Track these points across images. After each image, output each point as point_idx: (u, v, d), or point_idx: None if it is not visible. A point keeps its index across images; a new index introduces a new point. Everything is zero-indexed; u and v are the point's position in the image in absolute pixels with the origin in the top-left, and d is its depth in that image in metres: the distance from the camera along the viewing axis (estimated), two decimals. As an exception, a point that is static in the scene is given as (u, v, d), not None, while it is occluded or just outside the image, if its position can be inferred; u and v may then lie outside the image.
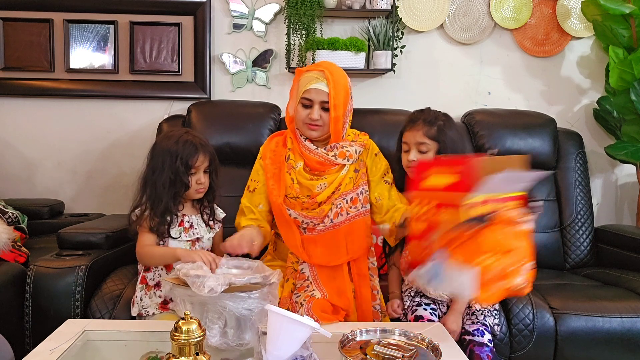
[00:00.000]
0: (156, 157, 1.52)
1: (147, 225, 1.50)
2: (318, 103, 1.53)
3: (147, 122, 2.52)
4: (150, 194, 1.50)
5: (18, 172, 2.52)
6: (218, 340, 1.13)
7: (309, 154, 1.58)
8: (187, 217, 1.56)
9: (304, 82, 1.55)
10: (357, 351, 1.06)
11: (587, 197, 2.27)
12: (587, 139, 2.54)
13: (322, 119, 1.54)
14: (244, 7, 2.50)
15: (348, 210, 1.58)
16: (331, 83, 1.51)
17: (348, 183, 1.59)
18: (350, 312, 1.47)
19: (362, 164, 1.65)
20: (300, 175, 1.59)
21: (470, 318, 1.52)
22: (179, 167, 1.48)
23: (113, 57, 2.49)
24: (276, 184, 1.60)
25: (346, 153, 1.57)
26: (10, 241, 1.79)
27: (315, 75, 1.53)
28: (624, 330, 1.63)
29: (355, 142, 1.62)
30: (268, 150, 1.67)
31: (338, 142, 1.58)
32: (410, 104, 2.46)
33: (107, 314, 1.61)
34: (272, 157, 1.65)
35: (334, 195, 1.57)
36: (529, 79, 2.63)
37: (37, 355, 1.10)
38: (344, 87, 1.55)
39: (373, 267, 1.65)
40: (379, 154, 1.69)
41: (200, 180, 1.53)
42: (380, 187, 1.64)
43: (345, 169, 1.59)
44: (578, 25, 2.56)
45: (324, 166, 1.58)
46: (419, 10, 2.53)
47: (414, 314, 1.52)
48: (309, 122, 1.54)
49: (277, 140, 1.69)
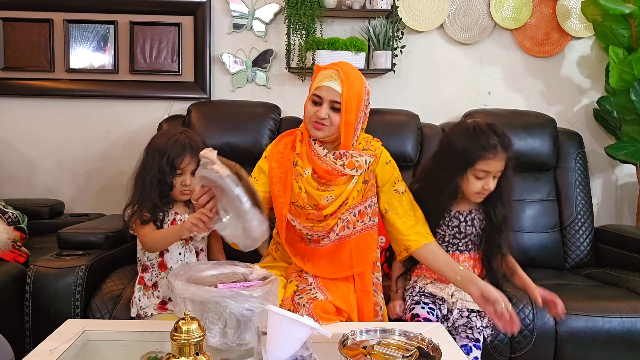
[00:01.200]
0: (148, 154, 1.51)
1: (139, 221, 1.50)
2: (328, 101, 1.43)
3: (147, 122, 2.52)
4: (140, 191, 1.50)
5: (18, 172, 2.52)
6: (218, 341, 1.13)
7: (317, 160, 1.48)
8: (180, 216, 1.54)
9: (318, 79, 1.48)
10: (357, 351, 1.05)
11: (587, 197, 2.27)
12: (587, 139, 2.54)
13: (330, 119, 1.44)
14: (244, 7, 2.50)
15: (355, 224, 1.51)
16: (344, 84, 1.42)
17: (356, 197, 1.51)
18: (352, 316, 1.44)
19: (372, 174, 1.55)
20: (308, 183, 1.49)
21: (466, 332, 1.51)
22: (164, 166, 1.47)
23: (113, 57, 2.49)
24: (282, 190, 1.51)
25: (355, 163, 1.47)
26: (10, 241, 1.79)
27: (330, 73, 1.45)
28: (624, 330, 1.63)
29: (366, 151, 1.52)
30: (275, 152, 1.57)
31: (348, 149, 1.48)
32: (410, 104, 2.47)
33: (107, 314, 1.61)
34: (279, 160, 1.55)
35: (340, 210, 1.49)
36: (529, 79, 2.63)
37: (37, 355, 1.10)
38: (358, 92, 1.45)
39: (377, 283, 1.58)
40: (390, 162, 1.58)
41: (185, 182, 1.50)
42: (389, 197, 1.55)
43: (353, 181, 1.49)
44: (578, 25, 2.56)
45: (332, 175, 1.48)
46: (419, 10, 2.53)
47: (411, 312, 1.52)
48: (315, 120, 1.45)
49: (286, 142, 1.58)
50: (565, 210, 2.24)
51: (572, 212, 2.24)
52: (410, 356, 1.01)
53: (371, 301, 1.53)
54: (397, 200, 1.55)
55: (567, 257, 2.21)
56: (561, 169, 2.31)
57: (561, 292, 1.76)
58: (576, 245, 2.21)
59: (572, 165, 2.30)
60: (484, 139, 1.48)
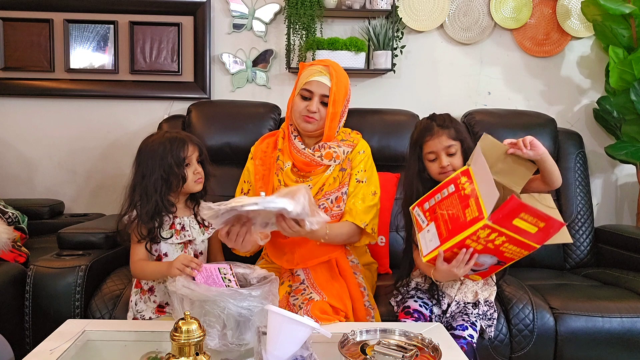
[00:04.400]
0: (143, 162, 1.48)
1: (136, 235, 1.47)
2: (318, 96, 1.54)
3: (147, 122, 2.52)
4: (140, 199, 1.47)
5: (18, 172, 2.52)
6: (217, 344, 1.13)
7: (296, 153, 1.59)
8: (179, 219, 1.52)
9: (306, 75, 1.56)
10: (357, 351, 1.06)
11: (587, 197, 2.27)
12: (587, 139, 2.54)
13: (320, 113, 1.55)
14: (244, 7, 2.50)
15: (332, 209, 1.58)
16: (334, 79, 1.53)
17: (332, 183, 1.59)
18: (348, 315, 1.46)
19: (349, 163, 1.64)
20: (287, 176, 1.59)
21: (462, 317, 1.52)
22: (171, 163, 1.45)
23: (113, 57, 2.50)
24: (264, 186, 1.60)
25: (333, 154, 1.58)
26: (10, 241, 1.79)
27: (319, 69, 1.55)
28: (624, 330, 1.63)
29: (345, 142, 1.62)
30: (259, 150, 1.68)
31: (330, 140, 1.59)
32: (410, 104, 2.47)
33: (107, 314, 1.61)
34: (262, 158, 1.65)
35: (317, 196, 1.57)
36: (529, 79, 2.63)
37: (37, 355, 1.10)
38: (345, 87, 1.57)
39: (354, 265, 1.63)
40: (364, 152, 1.66)
41: (197, 170, 1.51)
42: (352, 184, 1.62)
43: (330, 169, 1.60)
44: (578, 25, 2.56)
45: (310, 166, 1.59)
46: (419, 10, 2.53)
47: (404, 304, 1.54)
48: (306, 114, 1.55)
49: (269, 142, 1.69)
50: (565, 210, 2.24)
51: (572, 212, 2.23)
52: (410, 356, 1.01)
53: (355, 282, 1.54)
54: (353, 186, 1.62)
55: (567, 257, 2.21)
56: (561, 168, 2.25)
57: (561, 292, 1.77)
58: (576, 245, 2.21)
59: (572, 165, 2.30)
60: (421, 126, 1.58)
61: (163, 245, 1.50)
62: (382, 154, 2.11)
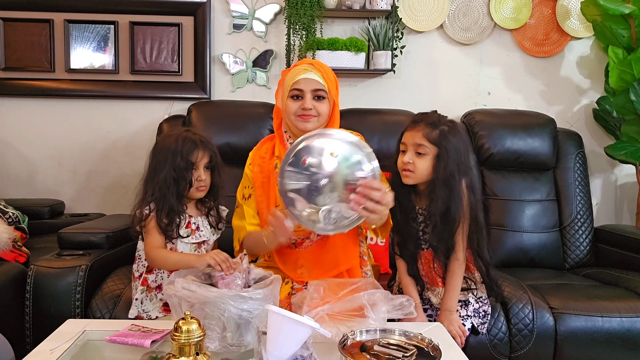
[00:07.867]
0: (157, 156, 1.49)
1: (155, 225, 1.46)
2: (309, 92, 1.46)
3: (148, 122, 2.52)
4: (154, 194, 1.46)
5: (18, 172, 2.53)
6: (217, 346, 1.13)
7: None
8: (194, 219, 1.52)
9: (290, 77, 1.50)
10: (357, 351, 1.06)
11: (586, 197, 2.27)
12: (587, 139, 2.55)
13: (316, 109, 1.47)
14: (244, 7, 2.50)
15: None
16: (323, 74, 1.48)
17: None
18: None
19: None
20: None
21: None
22: (180, 164, 1.45)
23: (113, 57, 2.50)
24: (264, 195, 1.54)
25: None
26: (10, 241, 1.79)
27: (304, 67, 1.49)
28: (624, 330, 1.63)
29: None
30: (257, 156, 1.61)
31: None
32: (410, 104, 2.47)
33: (107, 314, 1.61)
34: (260, 165, 1.58)
35: None
36: (528, 79, 2.63)
37: (37, 355, 1.10)
38: (335, 80, 1.52)
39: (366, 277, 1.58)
40: None
41: (200, 177, 1.49)
42: None
43: None
44: (578, 25, 2.56)
45: None
46: (419, 10, 2.53)
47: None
48: (301, 114, 1.46)
49: (267, 147, 1.62)
50: (565, 210, 2.24)
51: (572, 212, 2.24)
52: (410, 356, 1.01)
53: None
54: None
55: (566, 257, 2.21)
56: (561, 169, 2.31)
57: (561, 292, 1.78)
58: (576, 245, 2.21)
59: (572, 165, 2.31)
60: (415, 116, 1.54)
61: (179, 244, 1.50)
62: (382, 154, 2.10)
